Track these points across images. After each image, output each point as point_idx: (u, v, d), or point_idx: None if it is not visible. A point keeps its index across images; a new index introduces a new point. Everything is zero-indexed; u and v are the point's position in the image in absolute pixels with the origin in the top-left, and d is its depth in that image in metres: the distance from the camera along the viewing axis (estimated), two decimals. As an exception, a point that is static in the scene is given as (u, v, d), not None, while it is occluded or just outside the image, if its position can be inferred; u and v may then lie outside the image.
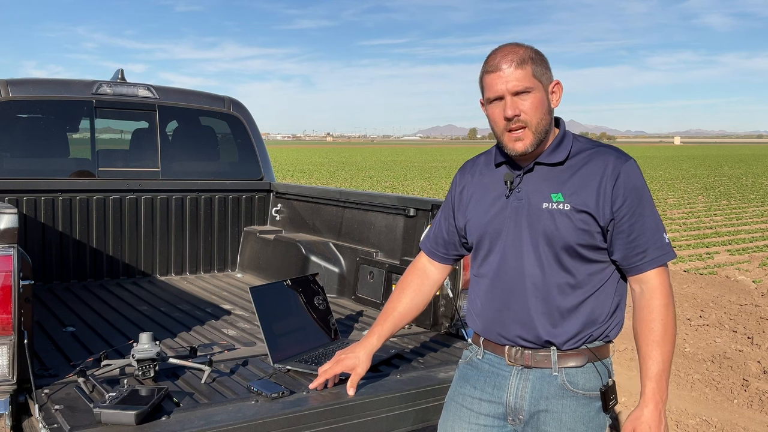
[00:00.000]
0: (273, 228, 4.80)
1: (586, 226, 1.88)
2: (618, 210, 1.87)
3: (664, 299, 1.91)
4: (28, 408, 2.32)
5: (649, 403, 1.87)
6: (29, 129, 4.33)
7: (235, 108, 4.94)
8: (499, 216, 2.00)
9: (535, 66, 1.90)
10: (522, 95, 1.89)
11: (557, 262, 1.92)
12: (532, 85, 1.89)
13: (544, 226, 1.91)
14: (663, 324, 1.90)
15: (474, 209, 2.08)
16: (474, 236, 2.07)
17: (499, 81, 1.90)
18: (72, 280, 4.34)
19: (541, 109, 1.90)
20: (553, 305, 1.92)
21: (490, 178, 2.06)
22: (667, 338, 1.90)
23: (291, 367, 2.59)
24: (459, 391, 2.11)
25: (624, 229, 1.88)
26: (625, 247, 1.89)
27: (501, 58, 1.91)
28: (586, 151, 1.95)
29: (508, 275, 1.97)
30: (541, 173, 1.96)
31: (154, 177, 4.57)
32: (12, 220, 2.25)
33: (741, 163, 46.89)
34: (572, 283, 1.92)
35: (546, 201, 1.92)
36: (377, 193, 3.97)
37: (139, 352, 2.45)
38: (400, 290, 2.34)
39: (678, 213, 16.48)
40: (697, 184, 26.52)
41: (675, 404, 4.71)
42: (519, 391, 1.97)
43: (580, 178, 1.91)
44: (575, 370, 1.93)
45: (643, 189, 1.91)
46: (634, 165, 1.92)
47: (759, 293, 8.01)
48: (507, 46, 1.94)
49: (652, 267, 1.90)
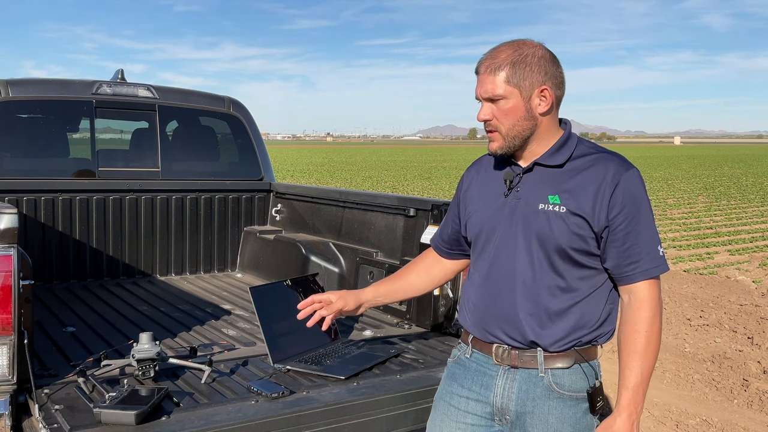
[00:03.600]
0: (273, 228, 4.80)
1: (580, 230, 1.88)
2: (614, 218, 1.86)
3: (651, 311, 1.88)
4: (28, 408, 2.32)
5: (623, 413, 1.86)
6: (29, 129, 4.33)
7: (235, 108, 4.95)
8: (497, 214, 2.00)
9: (513, 71, 1.88)
10: (495, 101, 1.91)
11: (549, 264, 1.91)
12: (503, 93, 1.89)
13: (538, 226, 1.91)
14: (647, 336, 1.87)
15: (475, 206, 2.09)
16: (472, 232, 2.09)
17: (477, 84, 1.94)
18: (72, 280, 4.34)
19: (512, 116, 1.90)
20: (541, 306, 1.92)
21: (493, 177, 2.07)
22: (650, 351, 1.88)
23: (291, 367, 2.59)
24: (447, 389, 2.11)
25: (619, 238, 1.87)
26: (618, 256, 1.88)
27: (483, 61, 1.93)
28: (589, 156, 1.94)
29: (500, 273, 1.98)
30: (541, 174, 1.96)
31: (154, 177, 4.57)
32: (12, 220, 2.25)
33: (741, 163, 46.90)
34: (562, 286, 1.91)
35: (542, 202, 1.92)
36: (377, 193, 3.97)
37: (139, 352, 2.46)
38: (410, 264, 2.40)
39: (678, 213, 16.48)
40: (697, 184, 26.52)
41: (675, 404, 4.71)
42: (505, 392, 1.96)
43: (579, 182, 1.90)
44: (561, 372, 1.93)
45: (642, 199, 1.89)
46: (636, 175, 1.90)
47: (759, 293, 8.01)
48: (499, 46, 1.94)
49: (643, 278, 1.88)
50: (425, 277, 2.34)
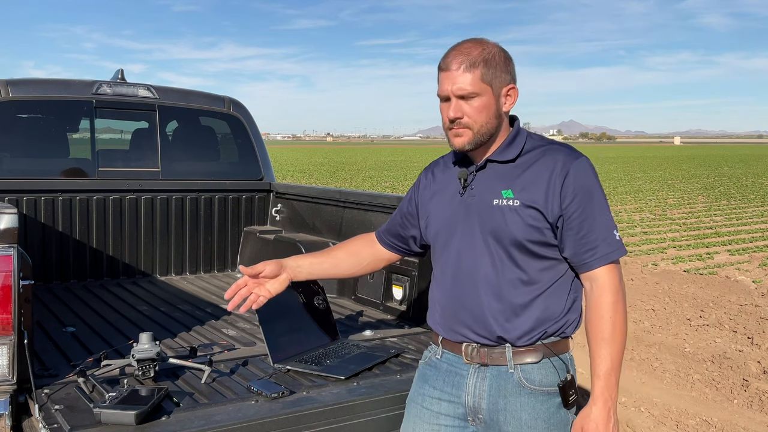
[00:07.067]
0: (273, 228, 4.80)
1: (535, 222, 1.89)
2: (567, 207, 1.88)
3: (613, 296, 1.89)
4: (28, 408, 2.32)
5: (598, 401, 1.87)
6: (29, 129, 4.33)
7: (235, 108, 4.95)
8: (454, 214, 2.02)
9: (487, 69, 1.89)
10: (467, 99, 1.91)
11: (508, 258, 1.93)
12: (477, 90, 1.90)
13: (494, 222, 1.93)
14: (612, 322, 1.88)
15: (433, 207, 2.11)
16: (431, 233, 2.11)
17: (447, 81, 1.92)
18: (72, 280, 4.34)
19: (485, 114, 1.92)
20: (506, 301, 1.93)
21: (448, 177, 2.10)
22: (617, 336, 1.88)
23: (291, 367, 2.59)
24: (419, 391, 2.11)
25: (573, 226, 1.88)
26: (575, 244, 1.89)
27: (453, 58, 1.92)
28: (538, 149, 1.97)
29: (462, 272, 1.99)
30: (494, 171, 1.98)
31: (154, 177, 4.57)
32: (12, 220, 2.25)
33: (741, 163, 46.89)
34: (524, 279, 1.93)
35: (496, 198, 1.94)
36: (377, 193, 3.97)
37: (139, 352, 2.46)
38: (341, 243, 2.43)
39: (678, 213, 16.48)
40: (697, 184, 26.52)
41: (675, 404, 4.71)
42: (477, 390, 1.97)
43: (530, 175, 1.92)
44: (531, 367, 1.93)
45: (593, 187, 1.91)
46: (585, 163, 1.92)
47: (759, 293, 8.01)
48: (465, 43, 1.94)
49: (601, 264, 1.89)
50: (354, 257, 2.35)
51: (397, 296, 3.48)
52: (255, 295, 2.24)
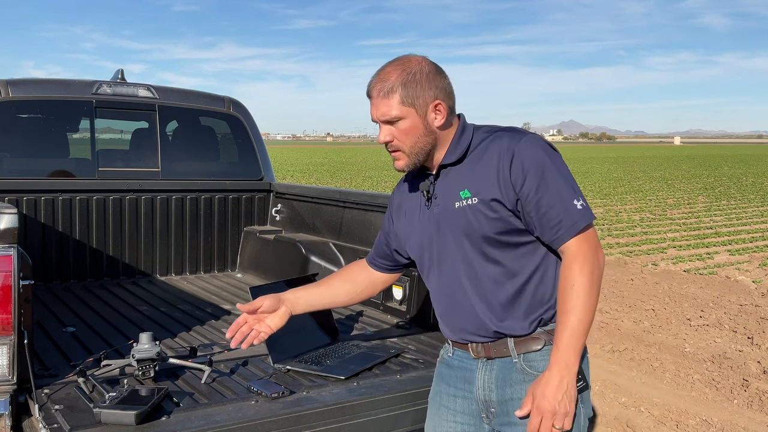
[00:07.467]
0: (273, 228, 4.80)
1: (496, 214, 1.89)
2: (521, 190, 1.86)
3: (579, 264, 1.84)
4: (28, 408, 2.32)
5: (552, 368, 1.83)
6: (29, 129, 4.33)
7: (235, 108, 4.95)
8: (426, 227, 2.05)
9: (406, 91, 1.90)
10: (393, 123, 1.93)
11: (483, 256, 1.94)
12: (400, 114, 1.91)
13: (461, 224, 1.94)
14: (575, 290, 1.82)
15: (407, 224, 2.14)
16: (413, 250, 2.13)
17: (372, 108, 1.96)
18: (72, 280, 4.34)
19: (413, 135, 1.93)
20: (493, 300, 1.94)
21: (414, 192, 2.13)
22: (580, 304, 1.81)
23: (291, 367, 2.59)
24: (436, 389, 2.16)
25: (532, 207, 1.86)
26: (540, 224, 1.87)
27: (374, 85, 1.94)
28: (485, 140, 1.96)
29: (447, 280, 2.02)
30: (449, 175, 2.00)
31: (154, 177, 4.57)
32: (12, 220, 2.25)
33: (741, 163, 46.89)
34: (506, 272, 1.93)
35: (457, 200, 1.95)
36: (377, 193, 3.97)
37: (139, 352, 2.46)
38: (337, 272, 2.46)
39: (678, 213, 16.47)
40: (697, 184, 26.52)
41: (675, 404, 4.71)
42: (486, 383, 1.99)
43: (481, 169, 1.93)
44: (534, 355, 1.94)
45: (543, 162, 1.87)
46: (530, 141, 1.89)
47: (759, 293, 8.02)
48: (386, 67, 1.95)
49: (570, 236, 1.86)
50: (350, 285, 2.37)
51: (397, 296, 3.47)
52: (256, 332, 2.28)
